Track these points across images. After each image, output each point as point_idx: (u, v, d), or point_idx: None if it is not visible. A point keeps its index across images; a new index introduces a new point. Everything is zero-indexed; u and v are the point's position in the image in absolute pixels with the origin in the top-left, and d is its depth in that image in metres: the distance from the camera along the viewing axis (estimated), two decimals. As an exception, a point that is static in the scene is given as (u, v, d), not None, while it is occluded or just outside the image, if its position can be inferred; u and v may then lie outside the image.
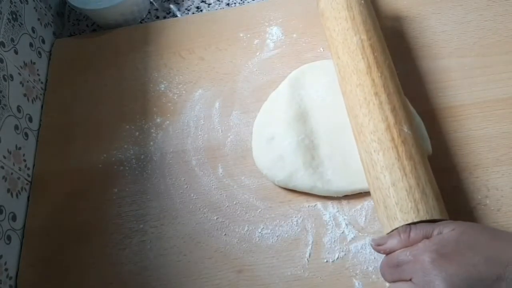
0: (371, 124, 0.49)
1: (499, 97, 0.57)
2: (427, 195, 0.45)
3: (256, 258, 0.53)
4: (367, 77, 0.51)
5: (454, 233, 0.42)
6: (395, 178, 0.46)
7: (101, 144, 0.62)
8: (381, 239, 0.46)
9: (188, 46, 0.68)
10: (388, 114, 0.49)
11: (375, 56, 0.53)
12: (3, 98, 0.59)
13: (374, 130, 0.49)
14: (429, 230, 0.43)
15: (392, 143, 0.48)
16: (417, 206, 0.44)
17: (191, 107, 0.63)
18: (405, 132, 0.48)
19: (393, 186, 0.46)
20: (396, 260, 0.43)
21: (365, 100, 0.51)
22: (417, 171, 0.46)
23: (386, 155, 0.47)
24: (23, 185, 0.60)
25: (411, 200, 0.45)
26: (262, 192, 0.56)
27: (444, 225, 0.43)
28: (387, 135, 0.48)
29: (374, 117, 0.49)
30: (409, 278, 0.41)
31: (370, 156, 0.49)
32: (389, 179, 0.46)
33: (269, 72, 0.64)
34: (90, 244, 0.56)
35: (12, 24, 0.63)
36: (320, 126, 0.57)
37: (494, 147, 0.54)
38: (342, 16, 0.56)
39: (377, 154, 0.48)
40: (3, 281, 0.53)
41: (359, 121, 0.51)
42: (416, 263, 0.41)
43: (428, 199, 0.45)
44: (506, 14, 0.63)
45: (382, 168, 0.47)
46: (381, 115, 0.49)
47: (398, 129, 0.48)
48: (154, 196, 0.58)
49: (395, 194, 0.45)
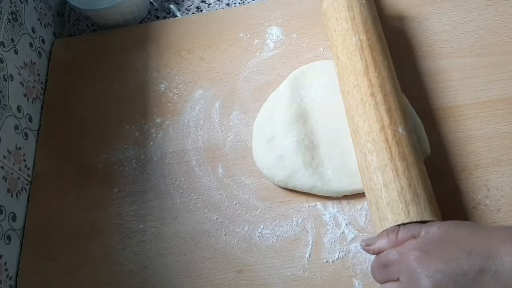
0: (366, 125, 0.50)
1: (499, 97, 0.57)
2: (419, 197, 0.45)
3: (256, 258, 0.53)
4: (364, 78, 0.52)
5: (438, 231, 0.42)
6: (387, 179, 0.46)
7: (101, 144, 0.62)
8: (370, 240, 0.46)
9: (188, 46, 0.68)
10: (383, 115, 0.49)
11: (374, 57, 0.53)
12: (3, 98, 0.59)
13: (368, 131, 0.49)
14: (417, 230, 0.43)
15: (385, 144, 0.48)
16: (408, 207, 0.44)
17: (191, 107, 0.63)
18: (400, 133, 0.48)
19: (385, 187, 0.46)
20: (384, 260, 0.43)
21: (361, 101, 0.51)
22: (410, 172, 0.46)
23: (379, 156, 0.48)
24: (23, 185, 0.60)
25: (402, 201, 0.45)
26: (262, 192, 0.56)
27: (431, 224, 0.43)
28: (381, 136, 0.48)
29: (369, 118, 0.50)
30: (397, 278, 0.42)
31: (365, 157, 0.49)
32: (381, 180, 0.47)
33: (269, 72, 0.64)
34: (90, 244, 0.56)
35: (12, 24, 0.63)
36: (320, 126, 0.57)
37: (494, 147, 0.54)
38: (342, 16, 0.56)
39: (371, 155, 0.48)
40: (3, 281, 0.53)
41: (355, 121, 0.51)
42: (402, 262, 0.42)
43: (419, 201, 0.45)
44: (506, 14, 0.63)
45: (375, 169, 0.47)
46: (376, 116, 0.49)
47: (392, 130, 0.48)
48: (154, 196, 0.58)
49: (387, 195, 0.46)
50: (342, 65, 0.54)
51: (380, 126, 0.49)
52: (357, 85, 0.52)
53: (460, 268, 0.39)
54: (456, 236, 0.41)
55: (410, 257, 0.41)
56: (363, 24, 0.55)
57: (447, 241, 0.41)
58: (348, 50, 0.54)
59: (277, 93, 0.60)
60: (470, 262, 0.39)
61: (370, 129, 0.49)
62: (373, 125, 0.49)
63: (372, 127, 0.49)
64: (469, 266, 0.39)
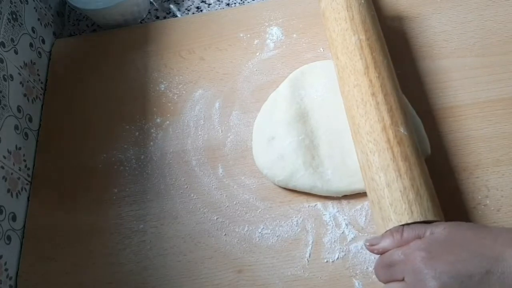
0: (367, 125, 0.50)
1: (499, 97, 0.57)
2: (422, 196, 0.45)
3: (256, 258, 0.53)
4: (364, 78, 0.51)
5: (444, 232, 0.42)
6: (390, 179, 0.46)
7: (101, 144, 0.62)
8: (375, 239, 0.46)
9: (188, 46, 0.68)
10: (384, 114, 0.49)
11: (373, 56, 0.53)
12: (3, 98, 0.59)
13: (370, 131, 0.49)
14: (422, 231, 0.43)
15: (387, 144, 0.48)
16: (411, 207, 0.44)
17: (191, 107, 0.63)
18: (401, 133, 0.48)
19: (388, 187, 0.46)
20: (389, 260, 0.43)
21: (362, 101, 0.51)
22: (412, 172, 0.46)
23: (381, 156, 0.47)
24: (23, 185, 0.60)
25: (405, 202, 0.45)
26: (262, 192, 0.56)
27: (437, 225, 0.43)
28: (383, 136, 0.48)
29: (370, 118, 0.50)
30: (402, 278, 0.42)
31: (366, 157, 0.49)
32: (384, 180, 0.47)
33: (269, 72, 0.64)
34: (90, 244, 0.56)
35: (12, 24, 0.63)
36: (320, 126, 0.57)
37: (494, 147, 0.54)
38: (341, 16, 0.56)
39: (372, 155, 0.48)
40: (3, 281, 0.53)
41: (356, 121, 0.51)
42: (407, 262, 0.42)
43: (422, 201, 0.45)
44: (506, 14, 0.63)
45: (377, 169, 0.47)
46: (378, 115, 0.49)
47: (394, 130, 0.48)
48: (154, 196, 0.58)
49: (390, 195, 0.46)
50: (342, 65, 0.54)
51: (382, 126, 0.49)
52: (357, 85, 0.52)
53: (466, 270, 0.39)
54: (461, 238, 0.41)
55: (416, 258, 0.41)
56: (362, 24, 0.55)
57: (452, 242, 0.41)
58: (348, 50, 0.54)
59: (277, 93, 0.60)
60: (476, 264, 0.39)
61: (371, 129, 0.49)
62: (374, 125, 0.49)
63: (373, 127, 0.49)
64: (476, 268, 0.39)
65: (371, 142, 0.49)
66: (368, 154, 0.49)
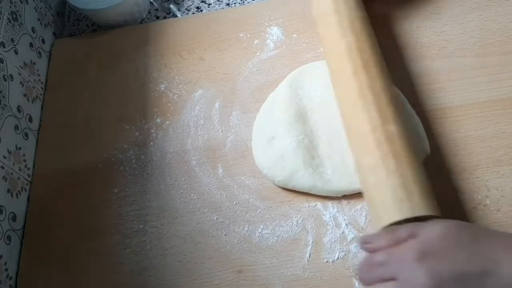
0: (357, 126, 0.50)
1: (499, 97, 0.57)
2: (412, 193, 0.45)
3: (256, 258, 0.53)
4: (353, 80, 0.52)
5: (439, 231, 0.42)
6: (379, 179, 0.46)
7: (101, 144, 0.62)
8: (368, 237, 0.46)
9: (188, 46, 0.68)
10: (373, 115, 0.49)
11: (363, 58, 0.53)
12: (3, 98, 0.59)
13: (359, 132, 0.50)
14: (415, 229, 0.43)
15: (376, 143, 0.48)
16: (402, 205, 0.44)
17: (191, 107, 0.63)
18: (391, 131, 0.48)
19: (378, 186, 0.46)
20: (379, 259, 0.43)
21: (352, 103, 0.51)
22: (402, 170, 0.46)
23: (371, 155, 0.48)
24: (23, 185, 0.60)
25: (394, 200, 0.45)
26: (262, 192, 0.56)
27: (433, 224, 0.43)
28: (372, 136, 0.48)
29: (359, 119, 0.50)
30: (391, 277, 0.41)
31: (357, 158, 0.49)
32: (373, 180, 0.47)
33: (269, 72, 0.64)
34: (90, 244, 0.56)
35: (12, 24, 0.63)
36: (319, 126, 0.57)
37: (494, 147, 0.54)
38: (329, 21, 0.57)
39: (362, 155, 0.49)
40: (3, 281, 0.53)
41: (347, 123, 0.52)
42: (400, 261, 0.41)
43: (413, 197, 0.45)
44: (506, 14, 0.63)
45: (367, 169, 0.48)
46: (367, 116, 0.50)
47: (383, 129, 0.48)
48: (154, 196, 0.58)
49: (380, 194, 0.46)
50: (332, 69, 0.56)
51: (371, 126, 0.49)
52: (346, 88, 0.52)
53: (462, 269, 0.39)
54: (458, 238, 0.41)
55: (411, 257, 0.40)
56: (351, 27, 0.55)
57: (449, 241, 0.41)
58: (337, 54, 0.55)
59: (276, 93, 0.60)
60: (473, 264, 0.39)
61: (361, 130, 0.50)
62: (363, 126, 0.49)
63: (363, 128, 0.49)
64: (472, 268, 0.39)
65: (361, 143, 0.49)
66: (358, 155, 0.49)
